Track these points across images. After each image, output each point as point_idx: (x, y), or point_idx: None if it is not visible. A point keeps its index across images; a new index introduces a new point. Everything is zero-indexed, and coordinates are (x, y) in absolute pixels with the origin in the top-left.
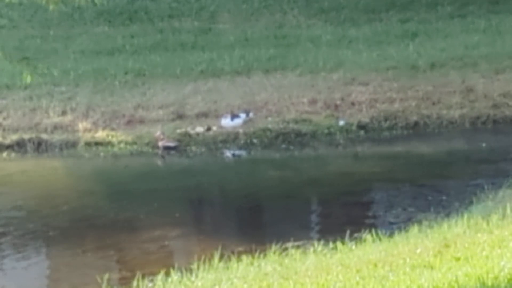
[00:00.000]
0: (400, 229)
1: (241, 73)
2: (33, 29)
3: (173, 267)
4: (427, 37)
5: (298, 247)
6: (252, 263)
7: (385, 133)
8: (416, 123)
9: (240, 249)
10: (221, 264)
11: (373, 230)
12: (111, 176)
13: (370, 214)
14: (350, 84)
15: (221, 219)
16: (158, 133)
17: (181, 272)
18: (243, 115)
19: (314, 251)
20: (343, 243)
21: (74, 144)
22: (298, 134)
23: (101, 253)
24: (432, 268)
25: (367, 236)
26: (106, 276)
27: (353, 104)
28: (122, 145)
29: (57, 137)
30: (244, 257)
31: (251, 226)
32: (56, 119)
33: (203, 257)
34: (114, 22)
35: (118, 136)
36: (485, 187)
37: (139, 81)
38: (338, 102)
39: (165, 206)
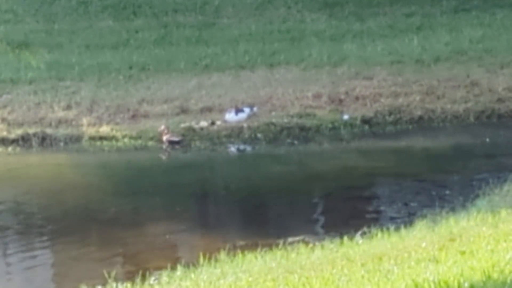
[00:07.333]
0: (405, 224)
1: (245, 68)
2: (37, 23)
3: (179, 262)
4: (431, 31)
5: (303, 241)
6: (257, 257)
7: (389, 128)
8: (420, 118)
9: (245, 243)
10: (226, 258)
11: (378, 225)
12: (116, 171)
13: (374, 208)
14: (354, 78)
15: (226, 213)
16: (162, 127)
17: (187, 266)
18: (247, 110)
19: (319, 245)
20: (348, 237)
21: (78, 139)
22: (302, 128)
23: (106, 247)
24: (437, 261)
25: (372, 230)
26: (113, 272)
27: (357, 98)
28: (126, 140)
29: (61, 131)
30: (249, 251)
31: (255, 221)
32: (61, 114)
33: (208, 252)
34: (118, 16)
35: (123, 131)
36: (490, 181)
37: (144, 76)
38: (342, 97)
39: (169, 200)
